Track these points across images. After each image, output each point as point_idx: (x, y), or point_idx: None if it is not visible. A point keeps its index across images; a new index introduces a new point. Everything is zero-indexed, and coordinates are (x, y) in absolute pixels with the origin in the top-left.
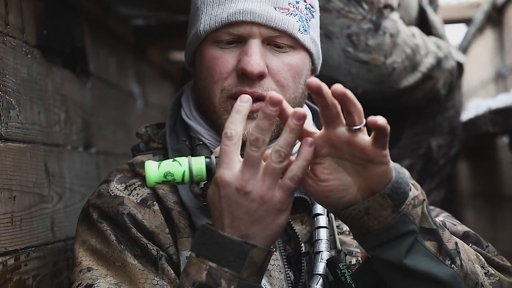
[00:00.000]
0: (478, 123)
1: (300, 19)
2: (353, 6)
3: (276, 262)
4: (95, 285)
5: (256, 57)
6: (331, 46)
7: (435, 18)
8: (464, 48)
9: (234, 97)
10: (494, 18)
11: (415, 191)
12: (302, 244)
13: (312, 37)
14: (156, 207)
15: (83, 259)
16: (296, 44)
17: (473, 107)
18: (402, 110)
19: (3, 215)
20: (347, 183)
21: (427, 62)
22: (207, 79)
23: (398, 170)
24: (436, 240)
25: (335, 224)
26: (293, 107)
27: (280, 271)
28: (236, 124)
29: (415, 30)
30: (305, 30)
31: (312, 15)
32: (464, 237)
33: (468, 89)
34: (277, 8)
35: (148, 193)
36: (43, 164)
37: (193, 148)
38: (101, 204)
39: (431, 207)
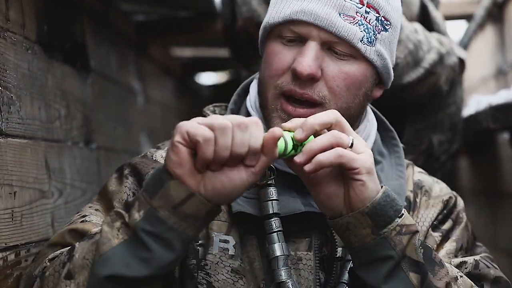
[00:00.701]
0: (478, 119)
1: (366, 30)
2: None
3: (308, 262)
4: (88, 217)
5: (309, 59)
6: None
7: (436, 15)
8: (465, 44)
9: (285, 94)
10: (495, 14)
11: (409, 221)
12: (338, 249)
13: (378, 50)
14: None
15: (95, 199)
16: (357, 54)
17: (474, 103)
18: (404, 106)
19: (3, 211)
20: (336, 193)
21: (429, 58)
22: (265, 72)
23: (388, 195)
24: (420, 274)
25: None
26: (346, 117)
27: (310, 272)
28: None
29: (418, 26)
30: (370, 42)
31: (385, 28)
32: (495, 282)
33: (468, 85)
34: (342, 15)
35: None
36: (44, 159)
37: None
38: (138, 162)
39: (478, 243)
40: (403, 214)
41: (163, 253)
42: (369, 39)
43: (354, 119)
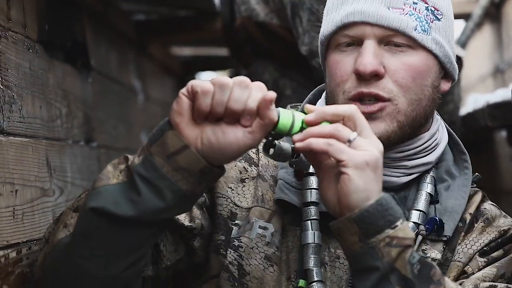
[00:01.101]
0: (476, 117)
1: (418, 19)
2: None
3: (345, 262)
4: None
5: (369, 56)
6: None
7: None
8: (463, 43)
9: (354, 98)
10: (493, 13)
11: (403, 234)
12: None
13: (434, 38)
14: (251, 169)
15: None
16: (415, 44)
17: (472, 101)
18: None
19: (5, 209)
20: (330, 186)
21: None
22: (331, 84)
23: (382, 203)
24: None
25: (417, 245)
26: (417, 110)
27: (345, 272)
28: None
29: None
30: (424, 31)
31: (437, 18)
32: None
33: (466, 83)
34: (390, 8)
35: (255, 157)
36: (45, 158)
37: None
38: None
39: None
40: (397, 225)
41: (152, 199)
42: (423, 27)
43: (428, 113)
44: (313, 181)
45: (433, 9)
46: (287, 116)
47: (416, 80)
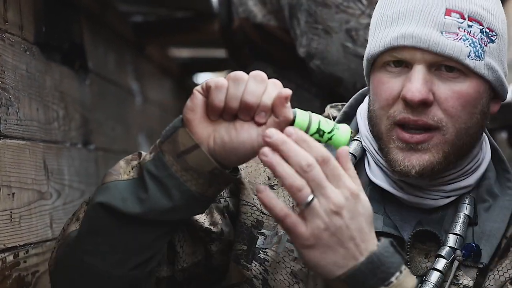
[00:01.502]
0: None
1: (472, 44)
2: (352, 1)
3: None
4: None
5: (418, 84)
6: (330, 42)
7: None
8: None
9: (399, 123)
10: None
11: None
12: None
13: (488, 63)
14: None
15: None
16: (467, 71)
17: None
18: None
19: (2, 212)
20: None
21: None
22: (375, 104)
23: (373, 261)
24: None
25: (453, 272)
26: (464, 139)
27: None
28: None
29: None
30: (478, 56)
31: (491, 40)
32: None
33: None
34: (444, 33)
35: None
36: (42, 161)
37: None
38: None
39: None
40: (391, 282)
41: (160, 198)
42: (477, 53)
43: (474, 140)
44: None
45: (488, 31)
46: (303, 117)
47: (466, 108)
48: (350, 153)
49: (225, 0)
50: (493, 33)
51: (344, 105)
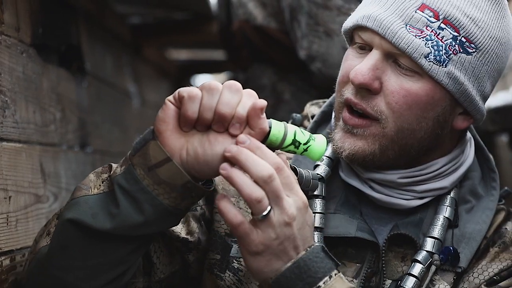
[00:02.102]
0: None
1: (435, 47)
2: (354, 4)
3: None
4: None
5: (365, 67)
6: (331, 44)
7: None
8: None
9: (345, 103)
10: None
11: None
12: (387, 281)
13: (450, 72)
14: None
15: None
16: (422, 72)
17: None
18: None
19: None
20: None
21: None
22: (338, 79)
23: (299, 265)
24: None
25: (429, 277)
26: (408, 139)
27: None
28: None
29: None
30: (438, 61)
31: (466, 51)
32: None
33: None
34: (407, 26)
35: None
36: (39, 164)
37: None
38: None
39: None
40: (319, 286)
41: (131, 213)
42: (438, 57)
43: (424, 147)
44: (317, 204)
45: (463, 40)
46: (279, 128)
47: (412, 109)
48: (327, 156)
49: (224, 2)
50: (472, 45)
51: (325, 101)
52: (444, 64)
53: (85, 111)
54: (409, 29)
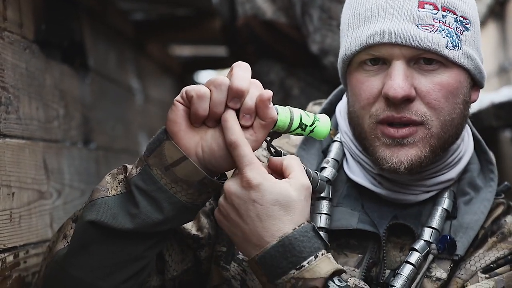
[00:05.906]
0: (481, 117)
1: (448, 34)
2: None
3: (351, 279)
4: None
5: (399, 80)
6: None
7: None
8: None
9: (382, 122)
10: (497, 11)
11: (310, 274)
12: (386, 271)
13: (465, 52)
14: None
15: None
16: (446, 62)
17: (476, 101)
18: None
19: (1, 212)
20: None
21: None
22: (355, 104)
23: (284, 244)
24: None
25: (426, 265)
26: (450, 129)
27: None
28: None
29: None
30: (455, 46)
31: (466, 28)
32: None
33: None
34: (419, 26)
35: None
36: (42, 160)
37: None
38: None
39: None
40: (303, 266)
41: (151, 211)
42: (454, 43)
43: (459, 130)
44: (324, 205)
45: (462, 19)
46: (285, 113)
47: (449, 99)
48: (334, 158)
49: None
50: (467, 20)
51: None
52: (459, 47)
53: (88, 107)
54: (422, 28)
